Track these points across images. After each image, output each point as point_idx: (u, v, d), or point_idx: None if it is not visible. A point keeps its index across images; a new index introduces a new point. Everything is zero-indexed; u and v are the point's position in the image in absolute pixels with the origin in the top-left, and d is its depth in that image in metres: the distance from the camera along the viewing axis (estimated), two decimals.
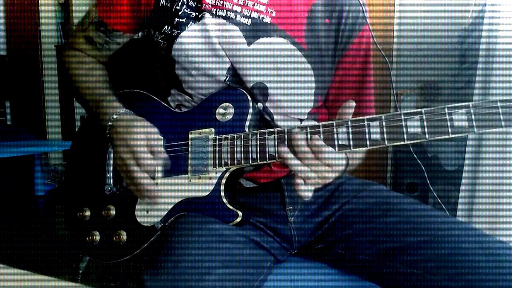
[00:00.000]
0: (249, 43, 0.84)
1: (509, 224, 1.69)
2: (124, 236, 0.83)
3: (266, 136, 0.75)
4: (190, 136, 0.83)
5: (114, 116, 0.83)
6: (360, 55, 0.91)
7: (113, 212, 0.86)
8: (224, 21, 0.84)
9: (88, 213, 0.89)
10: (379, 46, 0.92)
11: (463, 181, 1.92)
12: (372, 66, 0.93)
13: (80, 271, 1.70)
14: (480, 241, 0.73)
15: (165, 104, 0.90)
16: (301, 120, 0.90)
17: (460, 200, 1.94)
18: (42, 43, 3.47)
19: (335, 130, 0.69)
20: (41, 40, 3.46)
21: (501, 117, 0.60)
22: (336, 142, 0.69)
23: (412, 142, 0.65)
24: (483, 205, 1.83)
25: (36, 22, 3.45)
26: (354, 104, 0.70)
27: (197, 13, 0.85)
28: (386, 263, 0.78)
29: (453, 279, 0.70)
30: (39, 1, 3.44)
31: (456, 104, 0.63)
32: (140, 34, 0.97)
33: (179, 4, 0.85)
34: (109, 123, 0.83)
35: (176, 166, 0.82)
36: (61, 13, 3.57)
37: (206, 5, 0.84)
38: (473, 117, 0.61)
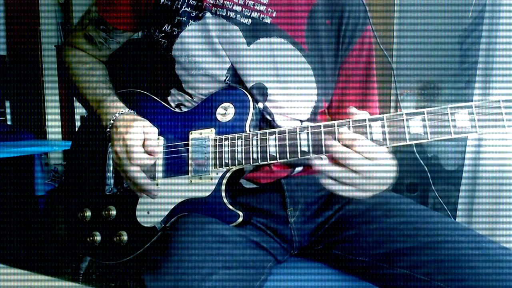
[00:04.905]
0: (248, 43, 0.84)
1: (509, 224, 1.69)
2: (125, 236, 0.83)
3: (267, 136, 0.75)
4: (190, 136, 0.82)
5: (116, 115, 0.83)
6: (363, 55, 0.91)
7: (113, 213, 0.86)
8: (225, 20, 0.83)
9: (88, 214, 0.89)
10: (381, 46, 0.91)
11: (463, 181, 1.92)
12: (375, 66, 0.93)
13: (81, 271, 1.70)
14: (483, 247, 0.72)
15: (165, 104, 0.90)
16: (301, 121, 0.90)
17: (460, 200, 1.94)
18: (42, 43, 3.46)
19: (336, 130, 0.69)
20: (41, 40, 3.45)
21: (504, 117, 0.59)
22: None
23: (414, 142, 0.65)
24: (483, 205, 1.83)
25: (36, 22, 3.44)
26: (357, 111, 0.69)
27: (197, 12, 0.84)
28: (386, 265, 0.77)
29: (454, 285, 0.70)
30: (39, 1, 3.43)
31: (459, 104, 0.62)
32: (139, 34, 0.97)
33: (180, 3, 0.85)
34: (111, 122, 0.83)
35: (176, 166, 0.82)
36: (61, 13, 3.57)
37: (207, 4, 0.84)
38: (475, 117, 0.61)
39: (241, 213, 0.77)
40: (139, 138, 0.79)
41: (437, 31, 2.32)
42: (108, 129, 0.84)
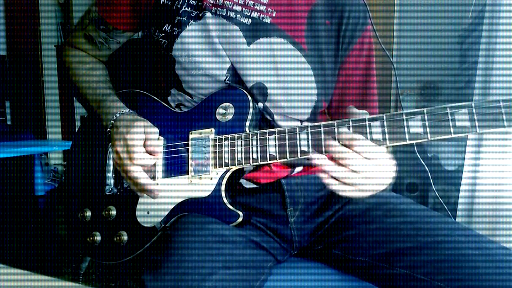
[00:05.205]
0: (249, 43, 0.84)
1: (509, 224, 1.69)
2: (125, 236, 0.83)
3: (267, 136, 0.75)
4: (190, 136, 0.82)
5: (117, 115, 0.83)
6: (363, 55, 0.91)
7: (113, 213, 0.86)
8: (225, 20, 0.83)
9: (88, 214, 0.89)
10: (383, 46, 0.91)
11: (463, 181, 1.92)
12: (375, 66, 0.93)
13: (81, 271, 1.70)
14: (483, 247, 0.72)
15: (165, 104, 0.90)
16: (301, 121, 0.90)
17: (460, 200, 1.94)
18: (42, 43, 3.46)
19: (336, 130, 0.69)
20: (41, 40, 3.46)
21: (504, 116, 0.59)
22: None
23: (413, 142, 0.65)
24: (483, 205, 1.83)
25: (36, 22, 3.44)
26: (356, 110, 0.69)
27: (197, 12, 0.84)
28: (386, 265, 0.77)
29: (454, 285, 0.70)
30: (39, 1, 3.44)
31: (458, 104, 0.62)
32: (139, 34, 0.97)
33: (180, 3, 0.85)
34: (111, 121, 0.83)
35: (176, 166, 0.82)
36: (61, 13, 3.57)
37: (207, 4, 0.84)
38: (475, 117, 0.61)
39: (241, 213, 0.77)
40: (140, 138, 0.79)
41: (437, 31, 2.32)
42: (108, 129, 0.84)
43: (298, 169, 0.91)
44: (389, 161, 0.69)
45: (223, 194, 0.78)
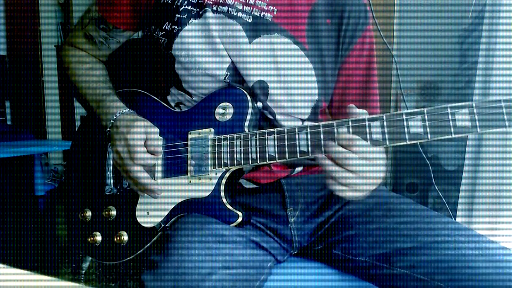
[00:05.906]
0: (250, 41, 0.83)
1: (509, 224, 1.69)
2: (125, 236, 0.83)
3: (266, 136, 0.75)
4: (189, 136, 0.82)
5: (117, 115, 0.83)
6: (364, 55, 0.91)
7: (113, 213, 0.86)
8: (226, 18, 0.83)
9: (89, 214, 0.89)
10: (388, 46, 0.91)
11: (463, 181, 1.92)
12: (376, 66, 0.93)
13: (82, 271, 1.70)
14: (483, 247, 0.72)
15: (164, 104, 0.90)
16: (302, 120, 0.90)
17: (460, 200, 1.94)
18: (42, 43, 3.46)
19: (335, 130, 0.69)
20: (41, 40, 3.46)
21: (505, 116, 0.59)
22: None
23: (413, 142, 0.65)
24: (483, 205, 1.83)
25: (36, 22, 3.45)
26: (357, 110, 0.69)
27: (198, 9, 0.84)
28: (386, 265, 0.77)
29: (454, 285, 0.70)
30: (39, 1, 3.44)
31: (459, 104, 0.62)
32: (139, 33, 0.97)
33: (180, 1, 0.85)
34: (111, 121, 0.83)
35: (176, 166, 0.82)
36: (61, 13, 3.57)
37: (208, 1, 0.84)
38: (476, 117, 0.61)
39: (240, 213, 0.77)
40: (141, 137, 0.79)
41: (437, 31, 2.32)
42: (108, 129, 0.84)
43: (298, 169, 0.91)
44: (383, 161, 0.69)
45: (222, 194, 0.78)
